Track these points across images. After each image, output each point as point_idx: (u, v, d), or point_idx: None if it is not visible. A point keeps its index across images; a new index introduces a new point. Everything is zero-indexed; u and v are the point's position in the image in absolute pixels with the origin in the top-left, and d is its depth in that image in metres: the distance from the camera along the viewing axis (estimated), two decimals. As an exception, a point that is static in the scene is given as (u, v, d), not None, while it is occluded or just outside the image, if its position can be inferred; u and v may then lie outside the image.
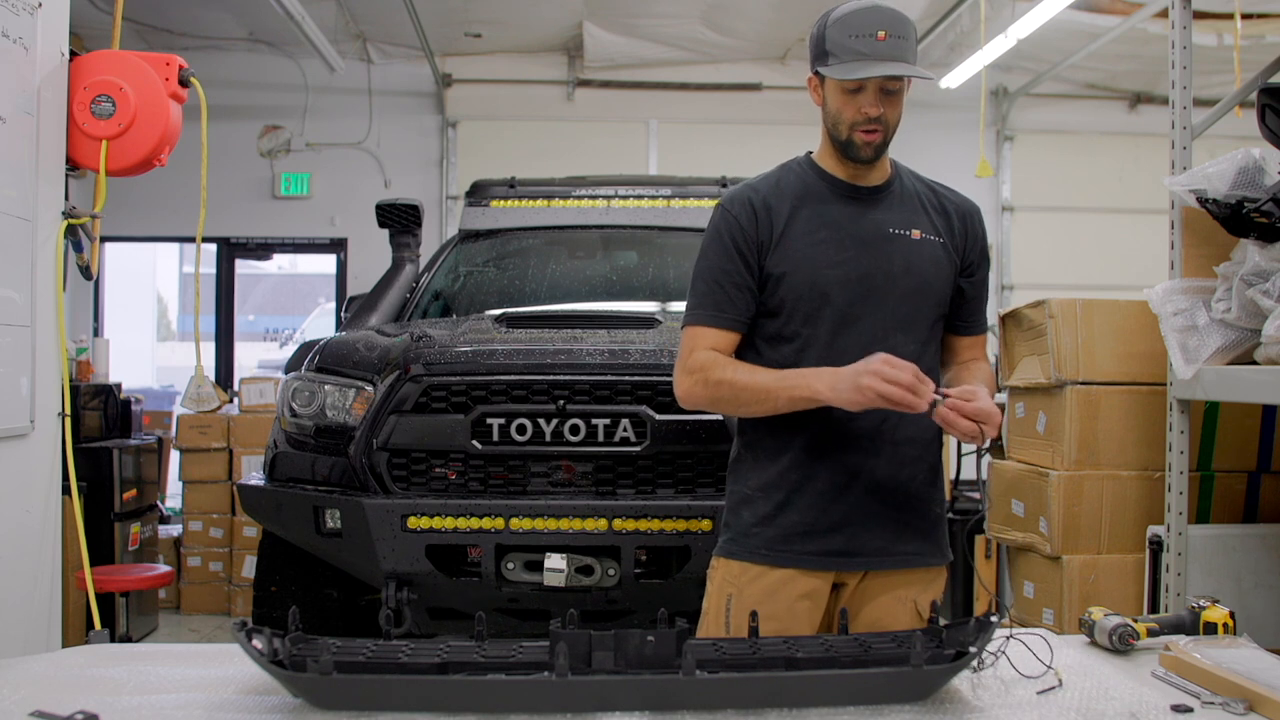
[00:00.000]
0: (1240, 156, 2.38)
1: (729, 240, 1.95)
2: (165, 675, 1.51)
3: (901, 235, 1.95)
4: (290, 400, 3.11)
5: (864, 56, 1.82)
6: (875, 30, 1.82)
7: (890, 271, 1.93)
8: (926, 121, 8.30)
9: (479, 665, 1.46)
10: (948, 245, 1.99)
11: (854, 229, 1.94)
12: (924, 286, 1.95)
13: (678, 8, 7.28)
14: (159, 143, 2.66)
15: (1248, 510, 2.93)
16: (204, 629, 5.57)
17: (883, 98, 1.87)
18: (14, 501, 2.47)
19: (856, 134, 1.89)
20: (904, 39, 1.84)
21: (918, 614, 1.96)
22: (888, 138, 1.92)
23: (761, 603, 1.88)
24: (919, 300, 1.95)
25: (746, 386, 1.88)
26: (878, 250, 1.93)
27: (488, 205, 4.46)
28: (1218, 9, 6.11)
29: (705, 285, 1.96)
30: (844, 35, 1.84)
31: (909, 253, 1.94)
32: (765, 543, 1.95)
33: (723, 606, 1.95)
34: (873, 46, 1.82)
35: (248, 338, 12.96)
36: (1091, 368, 2.92)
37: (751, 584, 1.94)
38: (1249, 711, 1.33)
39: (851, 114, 1.88)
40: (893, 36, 1.82)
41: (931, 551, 1.99)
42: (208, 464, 5.85)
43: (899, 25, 1.84)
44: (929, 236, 1.97)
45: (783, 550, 1.94)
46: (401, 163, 8.31)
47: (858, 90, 1.86)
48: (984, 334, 2.11)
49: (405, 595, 2.85)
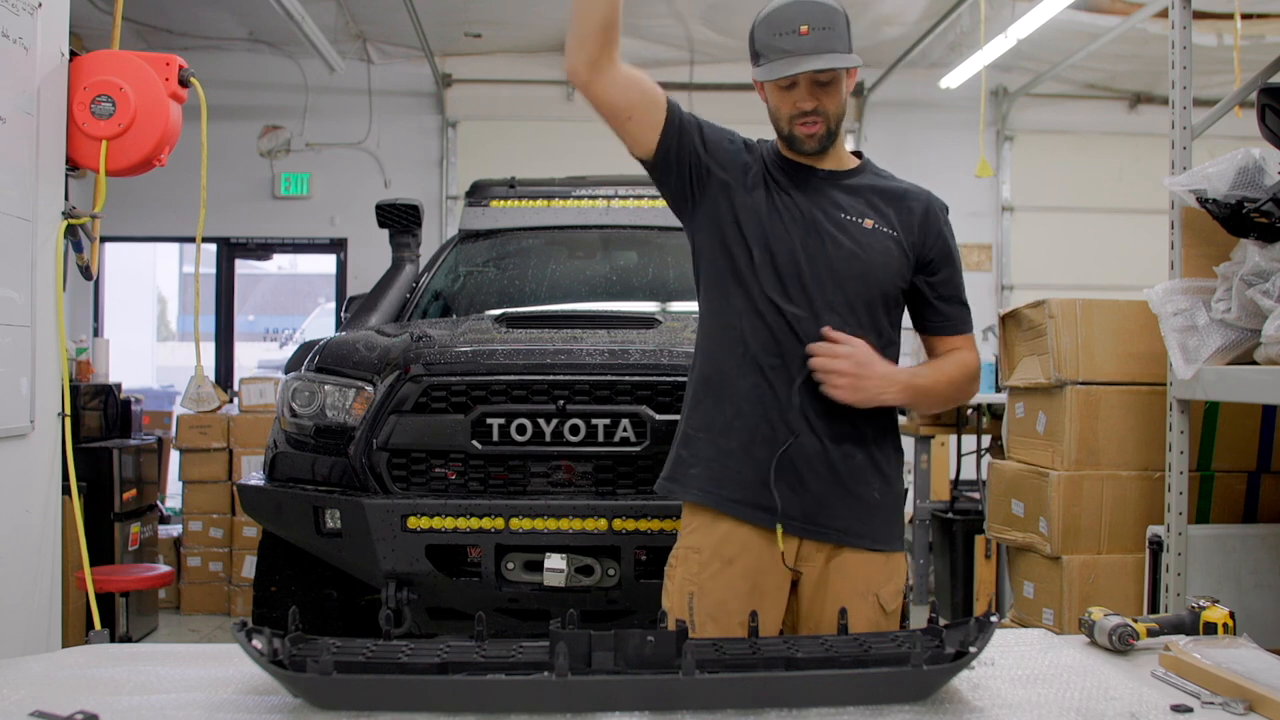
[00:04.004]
0: (1240, 156, 2.38)
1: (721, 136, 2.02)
2: (165, 675, 1.51)
3: (852, 222, 1.97)
4: (290, 400, 3.11)
5: (788, 53, 1.86)
6: (797, 25, 1.86)
7: (837, 255, 1.95)
8: (926, 121, 8.32)
9: (479, 665, 1.46)
10: (902, 241, 2.00)
11: (808, 209, 1.97)
12: (867, 274, 1.96)
13: (678, 8, 7.29)
14: (159, 143, 2.66)
15: (1248, 510, 2.93)
16: (204, 629, 5.57)
17: (817, 90, 1.90)
18: (14, 501, 2.47)
19: (796, 127, 1.94)
20: (829, 29, 1.86)
21: (881, 608, 1.97)
22: (830, 128, 1.95)
23: (724, 591, 1.90)
24: (861, 286, 1.96)
25: None
26: (826, 233, 1.95)
27: (487, 205, 4.46)
28: (1218, 9, 6.11)
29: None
30: (769, 34, 1.89)
31: (857, 239, 1.96)
32: (700, 482, 1.97)
33: (685, 606, 1.95)
34: (796, 42, 1.86)
35: (248, 338, 12.97)
36: (1091, 368, 2.92)
37: (705, 569, 1.94)
38: (1249, 711, 1.33)
39: (788, 109, 1.93)
40: (816, 29, 1.85)
41: (871, 535, 1.98)
42: (208, 464, 5.85)
43: (822, 16, 1.87)
44: (881, 228, 1.98)
45: (714, 492, 1.95)
46: (401, 163, 8.31)
47: (790, 86, 1.90)
48: (965, 334, 2.09)
49: (405, 595, 2.85)
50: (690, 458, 2.01)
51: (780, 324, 1.94)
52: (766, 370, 1.95)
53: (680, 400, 2.85)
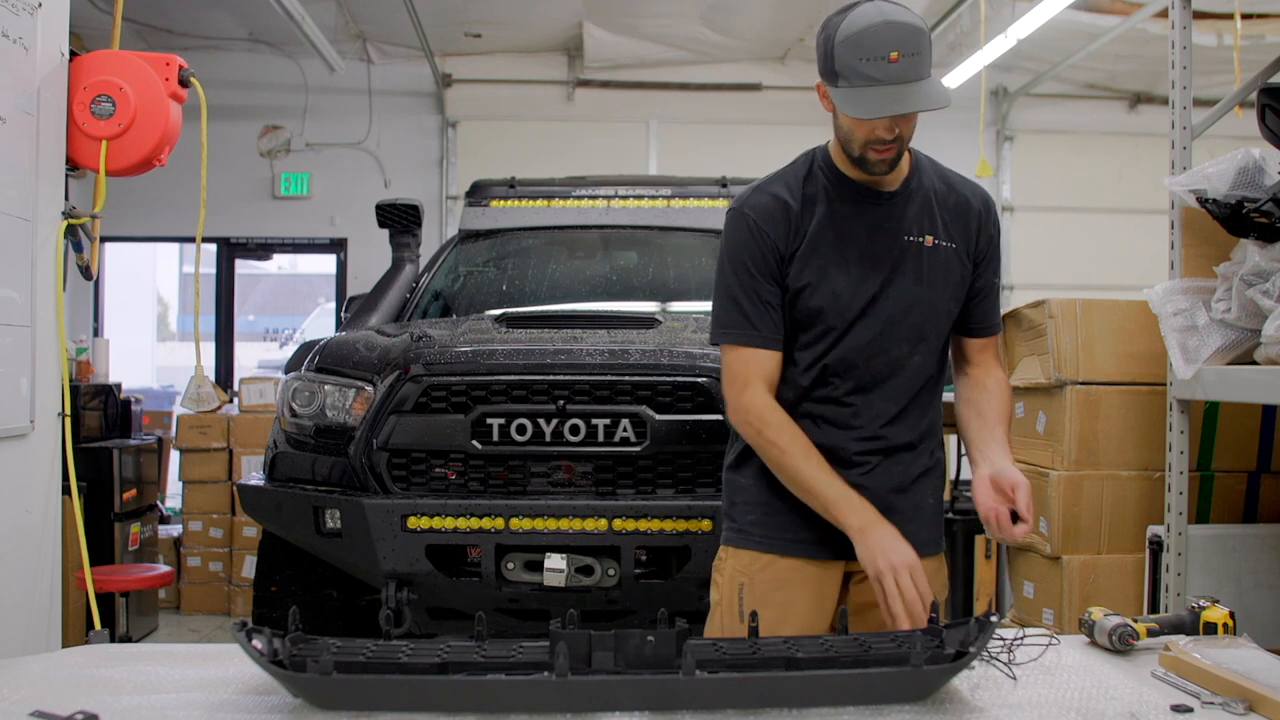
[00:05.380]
0: (1240, 156, 2.38)
1: (768, 257, 1.91)
2: (165, 675, 1.51)
3: (915, 243, 1.92)
4: (290, 400, 3.11)
5: (876, 82, 1.70)
6: (887, 52, 1.69)
7: (901, 285, 1.92)
8: (926, 121, 8.21)
9: (479, 665, 1.46)
10: (960, 250, 1.96)
11: (870, 242, 1.91)
12: (933, 298, 1.94)
13: (678, 8, 7.28)
14: (159, 143, 2.66)
15: (1248, 510, 2.93)
16: (204, 629, 5.57)
17: (898, 119, 1.79)
18: (14, 501, 2.47)
19: (870, 152, 1.83)
20: (917, 55, 1.71)
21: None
22: (902, 150, 1.87)
23: (774, 591, 1.89)
24: (927, 313, 1.94)
25: (795, 469, 1.87)
26: (893, 265, 1.92)
27: (488, 205, 4.46)
28: (1218, 9, 6.10)
29: (750, 303, 1.91)
30: (854, 58, 1.71)
31: (920, 264, 1.93)
32: (763, 529, 1.96)
33: (735, 596, 1.95)
34: (885, 70, 1.70)
35: (248, 338, 12.96)
36: (1091, 368, 2.92)
37: (762, 572, 1.95)
38: (1249, 711, 1.33)
39: (864, 133, 1.81)
40: (905, 56, 1.69)
41: (927, 542, 1.98)
42: (208, 464, 5.85)
43: (912, 41, 1.70)
44: (941, 243, 1.95)
45: (777, 538, 1.94)
46: (401, 163, 8.31)
47: None
48: (995, 335, 2.07)
49: (405, 595, 2.85)
50: (745, 505, 1.99)
51: (839, 363, 1.92)
52: (826, 402, 1.93)
53: (680, 400, 2.86)
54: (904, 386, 1.95)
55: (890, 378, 1.94)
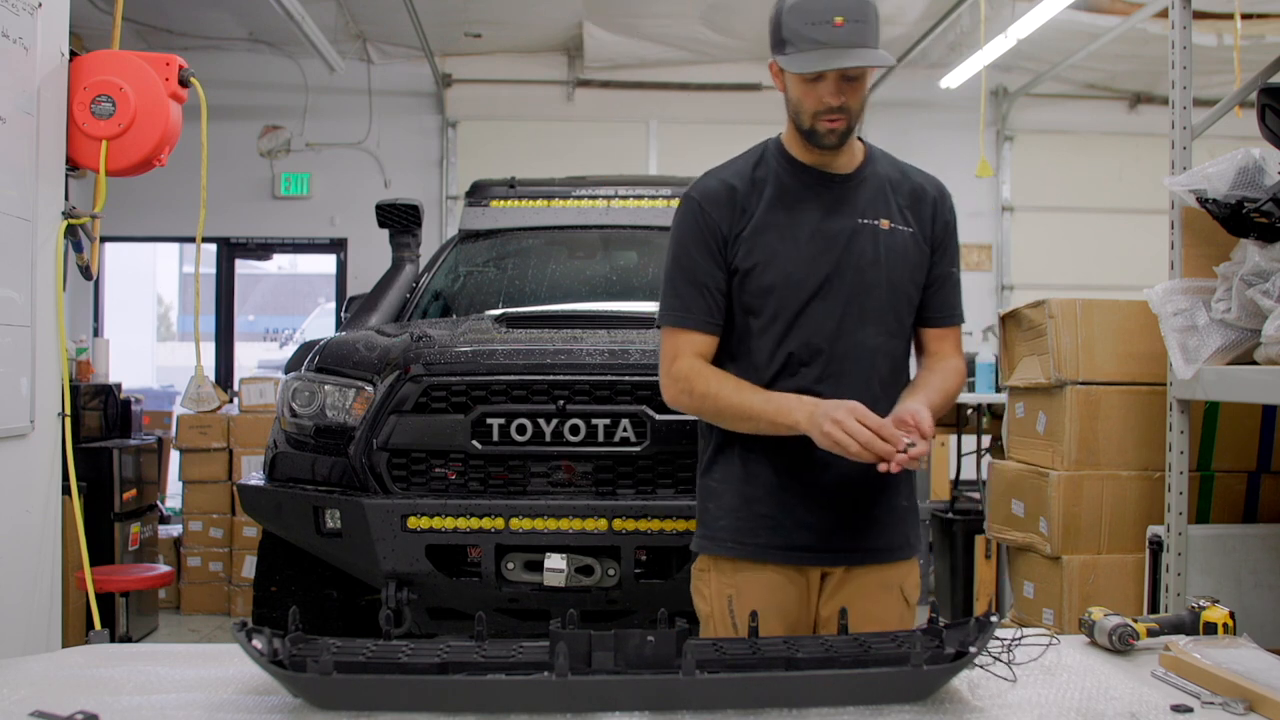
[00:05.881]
0: (1240, 156, 2.38)
1: (707, 238, 1.94)
2: (165, 675, 1.51)
3: (870, 225, 1.94)
4: (290, 400, 3.11)
5: (822, 45, 1.79)
6: (832, 16, 1.78)
7: (858, 265, 1.92)
8: (926, 121, 8.32)
9: (479, 665, 1.46)
10: (917, 235, 1.97)
11: (823, 222, 1.93)
12: (892, 279, 1.94)
13: (678, 8, 7.28)
14: (159, 143, 2.66)
15: (1248, 510, 2.93)
16: (204, 629, 5.57)
17: (844, 85, 1.84)
18: (14, 501, 2.47)
19: (819, 123, 1.88)
20: (863, 22, 1.79)
21: (904, 599, 1.98)
22: (852, 124, 1.90)
23: (763, 598, 1.89)
24: (886, 293, 1.94)
25: (731, 404, 1.88)
26: (844, 243, 1.92)
27: (487, 205, 4.46)
28: (1218, 9, 6.11)
29: (686, 285, 1.94)
30: (800, 23, 1.81)
31: (877, 245, 1.93)
32: (735, 535, 1.94)
33: (725, 609, 1.94)
34: (830, 34, 1.78)
35: (248, 338, 12.97)
36: (1091, 368, 2.92)
37: (748, 582, 1.94)
38: (1249, 711, 1.33)
39: (813, 103, 1.86)
40: (850, 21, 1.78)
41: (900, 545, 1.99)
42: (208, 464, 5.85)
43: (857, 8, 1.79)
44: (898, 226, 1.96)
45: (750, 543, 1.93)
46: (401, 163, 8.32)
47: (817, 80, 1.84)
48: (955, 326, 2.05)
49: (405, 595, 2.85)
50: (717, 510, 1.98)
51: (803, 348, 1.92)
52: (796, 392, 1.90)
53: None
54: (874, 373, 1.94)
55: (859, 363, 1.93)
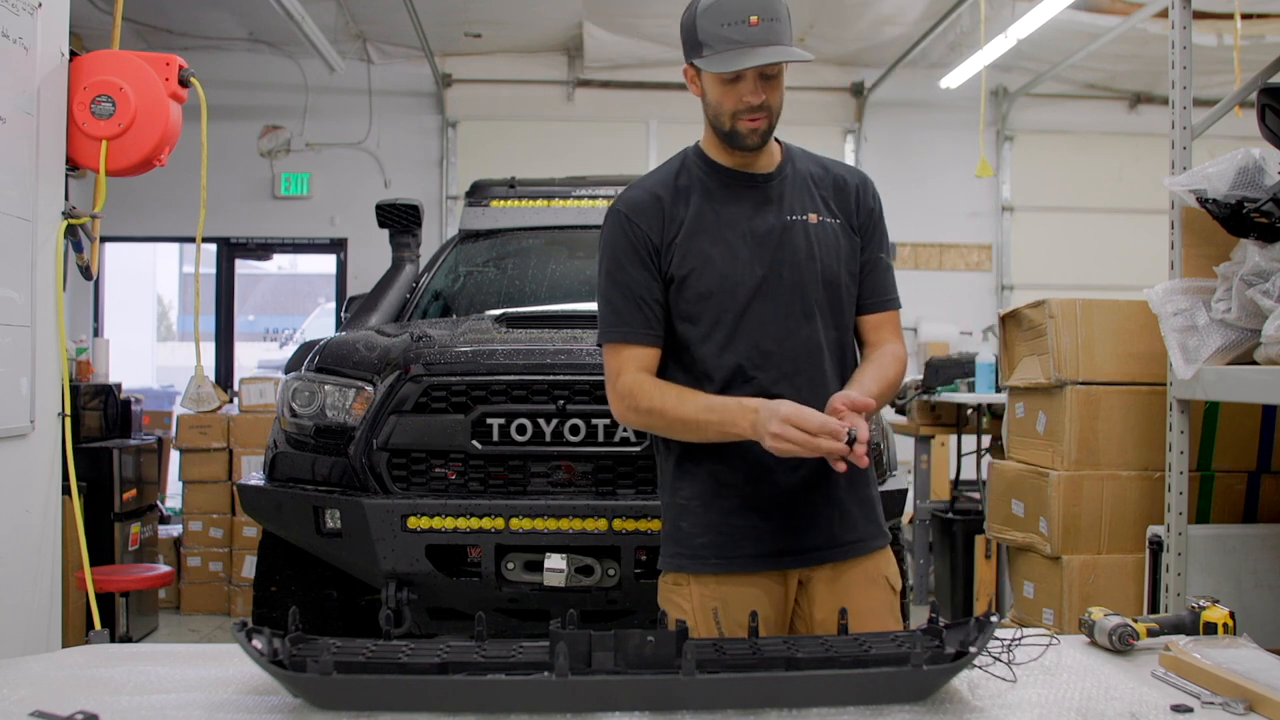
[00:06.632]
0: (1240, 156, 2.38)
1: (638, 250, 1.92)
2: (165, 675, 1.51)
3: (798, 221, 1.93)
4: (290, 400, 3.11)
5: (738, 44, 1.79)
6: (746, 16, 1.79)
7: (793, 261, 1.91)
8: (926, 121, 8.32)
9: (479, 665, 1.46)
10: (844, 224, 1.98)
11: (750, 223, 1.93)
12: (828, 272, 1.93)
13: (678, 8, 7.17)
14: (159, 143, 2.66)
15: (1248, 510, 2.93)
16: (204, 629, 5.57)
17: (763, 84, 1.85)
18: (14, 501, 2.47)
19: (740, 123, 1.87)
20: (777, 20, 1.80)
21: (890, 587, 1.98)
22: (772, 123, 1.90)
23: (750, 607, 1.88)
24: (824, 287, 1.93)
25: (678, 416, 1.86)
26: (776, 242, 1.92)
27: (487, 205, 4.46)
28: (1218, 9, 6.11)
29: (623, 300, 1.93)
30: (715, 24, 1.82)
31: (809, 240, 1.93)
32: (717, 551, 1.92)
33: (711, 621, 1.91)
34: (746, 33, 1.79)
35: (248, 338, 12.98)
36: (1091, 368, 2.92)
37: (732, 593, 1.91)
38: (1249, 711, 1.33)
39: (732, 104, 1.86)
40: (765, 20, 1.79)
41: (877, 534, 1.99)
42: (208, 464, 5.85)
43: (769, 7, 1.80)
44: (825, 219, 1.96)
45: (734, 555, 1.91)
46: (401, 163, 8.32)
47: (736, 80, 1.84)
48: (892, 311, 2.04)
49: (405, 595, 2.85)
50: (692, 528, 1.95)
51: (752, 351, 1.90)
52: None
53: None
54: (826, 369, 1.93)
55: (811, 361, 1.92)
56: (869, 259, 2.01)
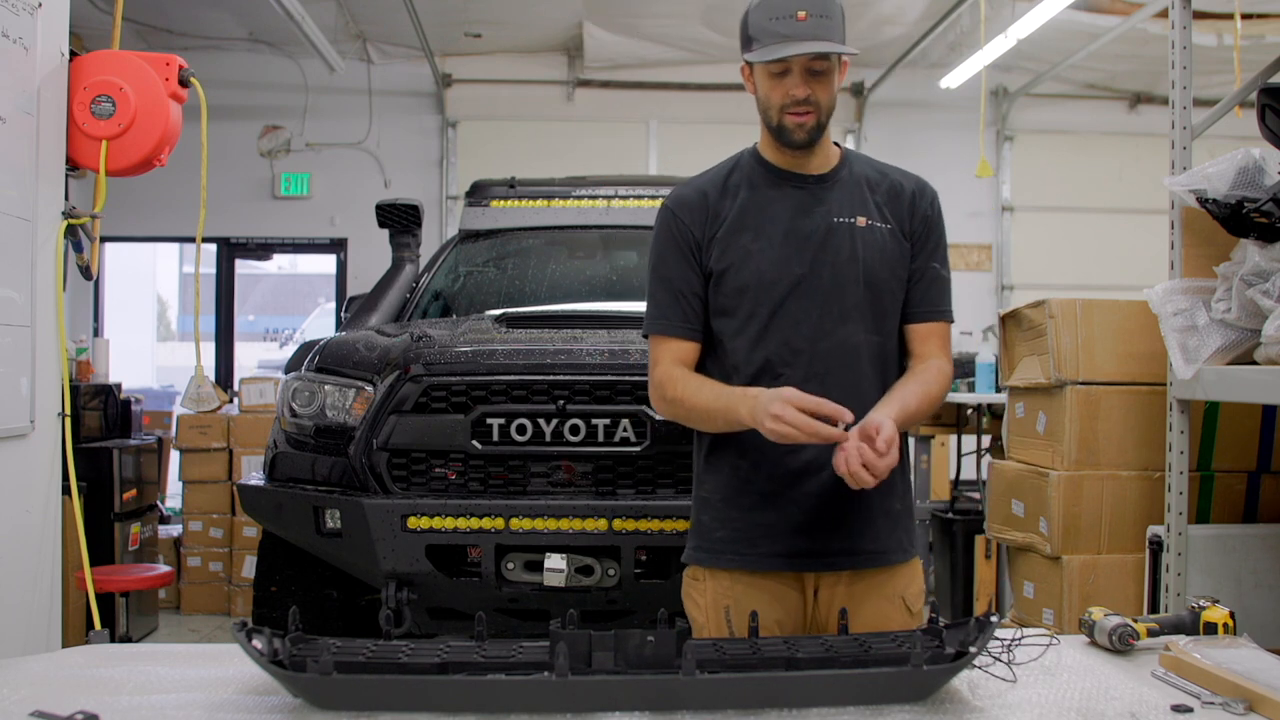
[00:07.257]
0: (1240, 156, 2.38)
1: (680, 245, 1.96)
2: (165, 675, 1.51)
3: (846, 224, 1.93)
4: (290, 400, 3.11)
5: (785, 38, 1.81)
6: (795, 10, 1.81)
7: (835, 262, 1.90)
8: (926, 121, 8.32)
9: (479, 665, 1.47)
10: (896, 231, 1.96)
11: (794, 222, 1.92)
12: (870, 275, 1.92)
13: (678, 8, 7.28)
14: (159, 143, 2.66)
15: (1248, 510, 2.93)
16: (204, 629, 5.57)
17: (810, 79, 1.85)
18: (14, 501, 2.47)
19: (786, 117, 1.88)
20: (827, 17, 1.82)
21: (907, 609, 1.95)
22: (821, 120, 1.89)
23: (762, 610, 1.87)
24: (865, 289, 1.91)
25: (695, 405, 1.89)
26: (819, 242, 1.91)
27: (488, 205, 4.46)
28: (1218, 9, 6.11)
29: (664, 293, 1.97)
30: (765, 18, 1.84)
31: (854, 242, 1.92)
32: (734, 545, 1.92)
33: (722, 619, 1.92)
34: (793, 27, 1.81)
35: (248, 338, 12.97)
36: (1091, 368, 2.92)
37: (746, 593, 1.91)
38: (1249, 711, 1.33)
39: (779, 97, 1.87)
40: (814, 16, 1.81)
41: (897, 548, 1.96)
42: (208, 464, 5.85)
43: (820, 4, 1.82)
44: (875, 223, 1.94)
45: (749, 553, 1.91)
46: (401, 163, 8.32)
47: (783, 73, 1.85)
48: (941, 322, 1.99)
49: (405, 595, 2.85)
50: (711, 521, 1.96)
51: (782, 348, 1.90)
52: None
53: None
54: (860, 373, 1.91)
55: (843, 363, 1.90)
56: (920, 266, 1.98)
